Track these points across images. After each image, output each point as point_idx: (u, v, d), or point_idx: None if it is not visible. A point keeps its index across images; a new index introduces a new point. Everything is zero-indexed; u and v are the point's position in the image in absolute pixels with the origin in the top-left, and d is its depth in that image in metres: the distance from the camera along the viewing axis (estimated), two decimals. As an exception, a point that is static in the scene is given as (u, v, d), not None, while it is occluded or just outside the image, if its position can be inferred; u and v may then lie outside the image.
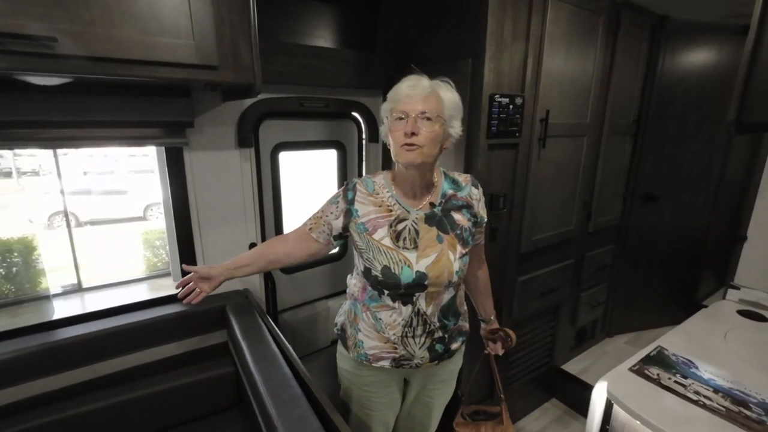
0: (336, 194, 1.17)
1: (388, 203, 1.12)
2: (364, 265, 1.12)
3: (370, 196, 1.13)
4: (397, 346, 1.13)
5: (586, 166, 1.97)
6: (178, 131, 1.47)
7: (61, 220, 7.57)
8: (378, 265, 1.08)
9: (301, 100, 1.76)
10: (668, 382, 1.13)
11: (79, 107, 1.26)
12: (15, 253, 5.06)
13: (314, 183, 2.17)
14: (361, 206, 1.12)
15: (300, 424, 0.99)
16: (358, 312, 1.18)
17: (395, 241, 1.08)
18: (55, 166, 5.11)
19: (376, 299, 1.13)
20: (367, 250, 1.10)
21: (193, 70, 1.13)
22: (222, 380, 1.59)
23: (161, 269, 6.40)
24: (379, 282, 1.09)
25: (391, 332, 1.12)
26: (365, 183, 1.15)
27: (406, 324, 1.11)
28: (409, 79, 1.05)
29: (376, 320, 1.13)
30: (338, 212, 1.14)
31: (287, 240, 1.24)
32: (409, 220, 1.10)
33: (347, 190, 1.14)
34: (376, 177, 1.17)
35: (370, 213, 1.11)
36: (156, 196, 8.80)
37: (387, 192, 1.13)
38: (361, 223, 1.11)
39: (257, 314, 1.58)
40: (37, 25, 0.89)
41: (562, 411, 2.23)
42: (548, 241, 1.90)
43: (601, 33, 1.81)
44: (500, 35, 1.46)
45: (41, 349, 1.35)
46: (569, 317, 2.24)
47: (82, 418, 1.36)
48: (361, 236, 1.10)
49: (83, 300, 5.33)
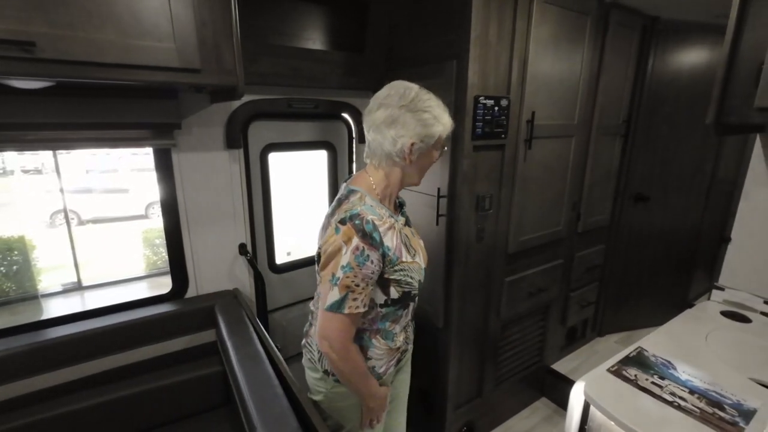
0: (357, 251, 0.93)
1: (391, 222, 1.03)
2: (401, 292, 1.06)
3: (384, 223, 0.99)
4: (400, 345, 1.16)
5: (574, 167, 1.97)
6: (165, 133, 1.48)
7: (63, 218, 7.60)
8: (416, 283, 1.10)
9: (290, 101, 1.77)
10: (645, 383, 1.13)
11: (65, 109, 1.27)
12: (15, 251, 5.10)
13: (304, 183, 2.18)
14: (387, 239, 0.98)
15: (278, 424, 1.01)
16: (367, 343, 1.10)
17: (408, 253, 1.07)
18: (55, 165, 5.14)
19: (390, 315, 1.10)
20: (404, 276, 1.04)
21: (175, 73, 1.14)
22: (211, 379, 1.61)
23: (161, 268, 6.43)
24: (413, 297, 1.13)
25: (401, 337, 1.16)
26: (372, 212, 0.98)
27: (410, 319, 1.19)
28: (441, 104, 1.05)
29: (388, 337, 1.12)
30: (379, 266, 0.98)
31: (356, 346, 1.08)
32: (399, 227, 1.08)
33: (369, 235, 0.94)
34: (366, 200, 1.02)
35: (393, 239, 1.01)
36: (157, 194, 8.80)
37: (383, 211, 1.04)
38: (394, 254, 1.00)
39: (245, 314, 1.59)
40: (15, 29, 0.90)
41: (551, 410, 2.24)
42: (536, 242, 1.91)
43: (589, 34, 1.81)
44: (485, 37, 1.47)
45: (30, 349, 1.37)
46: (559, 317, 2.25)
47: (71, 417, 1.38)
48: (396, 267, 1.01)
49: (83, 298, 5.38)
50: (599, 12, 1.83)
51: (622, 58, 2.04)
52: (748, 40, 1.08)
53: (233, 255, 1.78)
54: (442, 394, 1.82)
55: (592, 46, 1.84)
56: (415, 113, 0.99)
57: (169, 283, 1.72)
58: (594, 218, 2.21)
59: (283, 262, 2.03)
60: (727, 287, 1.58)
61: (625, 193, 2.36)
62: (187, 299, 1.71)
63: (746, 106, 1.10)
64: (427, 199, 1.67)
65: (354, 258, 0.93)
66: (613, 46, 1.94)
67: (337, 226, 0.96)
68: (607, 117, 2.06)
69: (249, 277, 1.85)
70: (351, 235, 0.93)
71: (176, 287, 1.70)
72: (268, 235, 1.94)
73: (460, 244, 1.63)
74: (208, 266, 1.73)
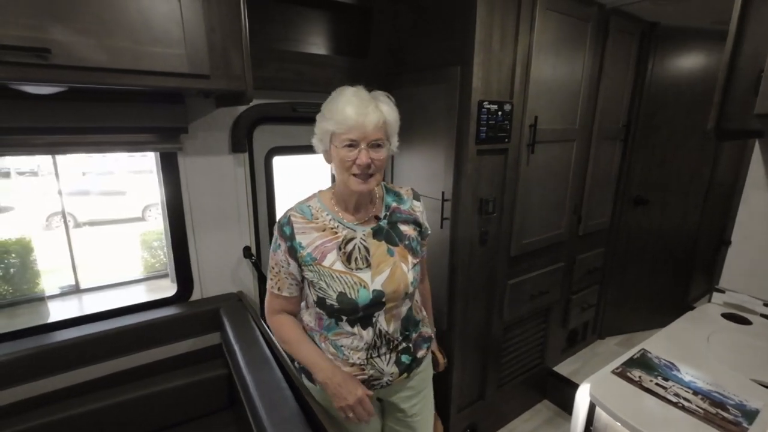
0: (274, 239, 1.08)
1: (331, 225, 1.06)
2: (316, 296, 1.05)
3: (309, 223, 1.05)
4: (364, 368, 1.07)
5: (575, 170, 2.00)
6: (172, 137, 1.49)
7: (59, 220, 7.57)
8: (333, 293, 1.02)
9: (294, 105, 1.79)
10: (649, 384, 1.15)
11: (74, 114, 1.28)
12: (13, 254, 5.08)
13: (307, 187, 2.19)
14: (303, 236, 1.04)
15: (288, 426, 1.02)
16: (317, 343, 1.11)
17: (347, 264, 1.03)
18: (53, 167, 5.12)
19: (333, 327, 1.07)
20: (318, 280, 1.03)
21: (185, 78, 1.16)
22: (215, 382, 1.61)
23: (159, 270, 6.42)
24: (335, 310, 1.04)
25: (355, 356, 1.07)
26: (301, 211, 1.07)
27: (369, 347, 1.06)
28: (351, 99, 0.97)
29: (337, 348, 1.07)
30: (286, 257, 1.05)
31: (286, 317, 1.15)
32: (357, 238, 1.06)
33: (282, 227, 1.05)
34: (310, 201, 1.10)
35: (314, 240, 1.04)
36: (154, 197, 8.81)
37: (327, 215, 1.07)
38: (308, 253, 1.03)
39: (251, 317, 1.60)
40: (31, 35, 0.91)
41: (553, 412, 2.25)
42: (538, 245, 1.93)
43: (590, 40, 1.84)
44: (489, 43, 1.49)
45: (36, 352, 1.37)
46: (560, 319, 2.27)
47: (76, 420, 1.38)
48: (311, 267, 1.03)
49: (81, 301, 5.35)
50: (600, 18, 1.86)
51: (621, 63, 2.07)
52: (748, 48, 1.11)
53: (237, 258, 1.79)
54: (445, 396, 1.83)
55: (592, 51, 1.87)
56: (319, 114, 1.03)
57: (167, 285, 1.74)
58: (594, 221, 2.23)
59: (286, 265, 2.04)
60: (728, 289, 1.61)
61: (625, 197, 2.39)
62: (191, 302, 1.71)
63: (746, 113, 1.13)
64: (431, 202, 1.68)
65: (273, 243, 1.09)
66: (613, 51, 1.97)
67: None
68: (608, 121, 2.09)
69: (253, 279, 1.86)
70: (276, 226, 1.09)
71: (181, 290, 1.71)
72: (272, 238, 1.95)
73: (464, 247, 1.65)
74: (212, 269, 1.74)
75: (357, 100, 0.96)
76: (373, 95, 1.01)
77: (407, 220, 1.14)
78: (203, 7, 1.14)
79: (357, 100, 0.96)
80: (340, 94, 1.00)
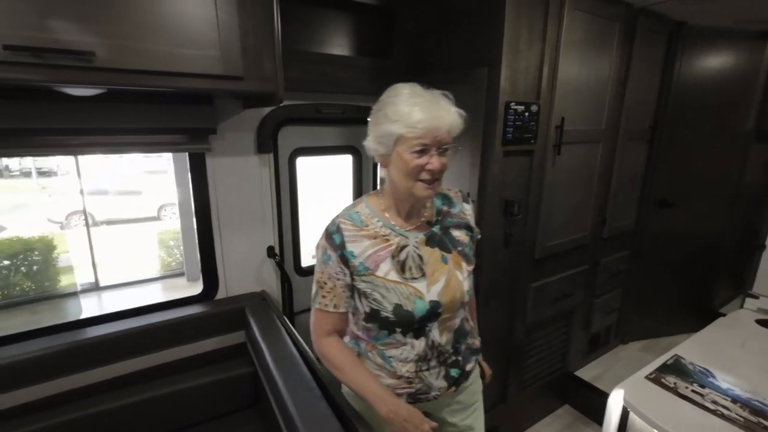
0: (321, 251, 0.99)
1: (383, 233, 0.99)
2: (369, 308, 0.99)
3: (360, 230, 0.99)
4: (412, 381, 1.02)
5: (601, 172, 1.97)
6: (201, 137, 1.51)
7: (78, 219, 7.75)
8: (388, 305, 0.96)
9: (318, 106, 1.80)
10: (685, 391, 1.13)
11: (108, 115, 1.30)
12: (36, 251, 5.20)
13: (328, 187, 2.21)
14: (355, 245, 0.97)
15: (321, 425, 1.02)
16: (362, 351, 1.05)
17: (401, 273, 0.97)
18: (75, 167, 5.24)
19: (383, 337, 1.01)
20: (372, 291, 0.97)
21: (219, 80, 1.17)
22: (240, 380, 1.62)
23: (175, 269, 6.52)
24: (390, 322, 0.98)
25: (404, 369, 1.01)
26: (350, 218, 1.00)
27: (419, 359, 1.00)
28: (418, 101, 0.89)
29: (385, 359, 1.01)
30: (340, 266, 0.97)
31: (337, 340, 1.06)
32: (410, 245, 1.00)
33: (330, 236, 0.98)
34: (357, 207, 1.03)
35: (366, 249, 0.97)
36: (169, 196, 8.96)
37: (377, 221, 1.01)
38: (360, 263, 0.96)
39: (275, 316, 1.61)
40: (76, 39, 0.94)
41: (574, 417, 2.22)
42: (562, 247, 1.90)
43: (617, 39, 1.81)
44: (516, 43, 1.48)
45: (68, 348, 1.39)
46: (583, 323, 2.24)
47: (104, 416, 1.40)
48: (364, 278, 0.97)
49: (101, 298, 5.46)
50: (627, 18, 1.83)
51: (648, 63, 2.03)
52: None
53: (261, 257, 1.80)
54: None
55: (620, 51, 1.84)
56: (375, 114, 0.96)
57: (183, 284, 1.75)
58: (618, 224, 2.20)
59: (308, 265, 2.06)
60: (762, 295, 1.57)
61: (650, 199, 2.35)
62: (216, 300, 1.73)
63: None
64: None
65: (320, 255, 1.00)
66: (641, 51, 1.94)
67: None
68: (634, 122, 2.06)
69: (276, 279, 1.87)
70: (323, 235, 1.01)
71: (207, 289, 1.73)
72: (294, 238, 1.96)
73: (488, 249, 1.64)
74: (237, 268, 1.76)
75: (426, 103, 0.90)
76: (439, 95, 0.93)
77: (459, 225, 1.08)
78: (238, 9, 1.15)
79: (426, 102, 0.90)
80: (402, 94, 0.92)
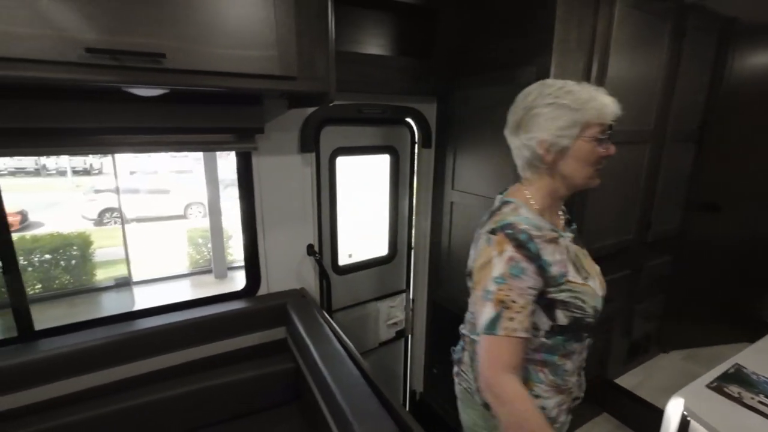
0: (511, 262, 0.83)
1: (553, 235, 0.91)
2: (572, 317, 0.89)
3: (541, 235, 0.88)
4: (572, 391, 1.00)
5: (647, 173, 1.91)
6: (249, 137, 1.55)
7: (110, 216, 8.05)
8: (590, 309, 0.89)
9: (360, 106, 1.81)
10: (752, 402, 1.08)
11: (164, 115, 1.35)
12: (74, 246, 5.44)
13: (366, 187, 2.22)
14: (546, 253, 0.86)
15: (375, 422, 1.03)
16: (532, 376, 0.94)
17: (578, 274, 0.91)
18: (113, 167, 5.45)
19: (558, 349, 0.92)
20: (574, 299, 0.88)
21: (275, 80, 1.20)
22: (282, 376, 1.65)
23: (203, 266, 6.70)
24: (584, 325, 0.92)
25: (572, 380, 0.98)
26: (528, 222, 0.88)
27: (579, 366, 0.98)
28: (589, 86, 0.89)
29: (558, 374, 0.94)
30: (535, 281, 0.84)
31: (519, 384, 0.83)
32: (570, 245, 0.95)
33: (524, 245, 0.84)
34: (521, 211, 0.92)
35: (554, 254, 0.88)
36: (195, 195, 9.22)
37: (542, 223, 0.92)
38: (558, 271, 0.87)
39: (317, 312, 1.63)
40: (148, 42, 0.98)
41: (613, 426, 2.16)
42: (606, 250, 1.85)
43: (667, 37, 1.75)
44: (566, 42, 1.45)
45: (122, 338, 1.45)
46: (623, 329, 2.17)
47: (149, 407, 1.44)
48: (563, 286, 0.87)
49: (134, 293, 5.66)
50: (678, 15, 1.77)
51: (698, 62, 1.96)
52: None
53: (302, 255, 1.83)
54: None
55: (669, 49, 1.79)
56: (538, 109, 0.89)
57: (210, 281, 1.79)
58: (663, 227, 2.12)
59: (345, 264, 2.07)
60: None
61: (696, 202, 2.26)
62: (258, 297, 1.77)
63: None
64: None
65: (508, 269, 0.82)
66: (691, 49, 1.87)
67: (489, 236, 0.88)
68: (682, 122, 1.99)
69: (314, 277, 1.90)
70: (504, 244, 0.84)
71: (249, 285, 1.77)
72: (333, 237, 1.98)
73: (532, 251, 1.61)
74: (278, 265, 1.79)
75: (597, 89, 0.90)
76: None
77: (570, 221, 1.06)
78: (294, 10, 1.17)
79: (596, 89, 0.90)
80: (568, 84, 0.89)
